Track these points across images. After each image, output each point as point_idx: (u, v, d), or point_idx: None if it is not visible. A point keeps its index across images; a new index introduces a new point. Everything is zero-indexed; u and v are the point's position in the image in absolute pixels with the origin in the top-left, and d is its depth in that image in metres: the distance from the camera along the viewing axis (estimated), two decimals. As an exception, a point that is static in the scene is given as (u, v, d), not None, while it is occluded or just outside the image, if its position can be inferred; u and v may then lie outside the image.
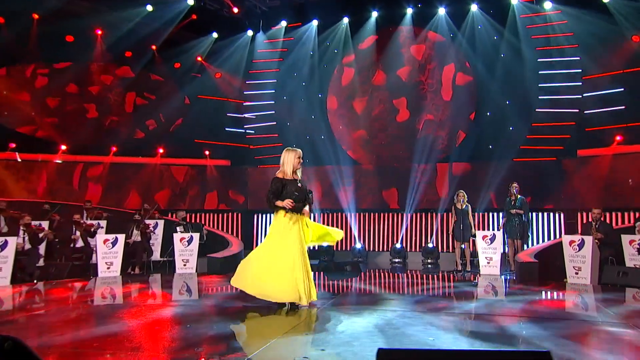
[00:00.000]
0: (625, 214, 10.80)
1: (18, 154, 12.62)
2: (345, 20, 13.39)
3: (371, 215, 13.00)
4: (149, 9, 12.67)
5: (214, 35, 13.87)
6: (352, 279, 8.31)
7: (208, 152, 13.97)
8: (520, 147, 12.10)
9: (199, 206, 13.70)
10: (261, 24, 13.72)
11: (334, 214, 12.96)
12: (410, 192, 12.50)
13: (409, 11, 12.94)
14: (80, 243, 9.70)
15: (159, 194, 13.35)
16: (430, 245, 11.90)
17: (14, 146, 12.65)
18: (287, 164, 5.29)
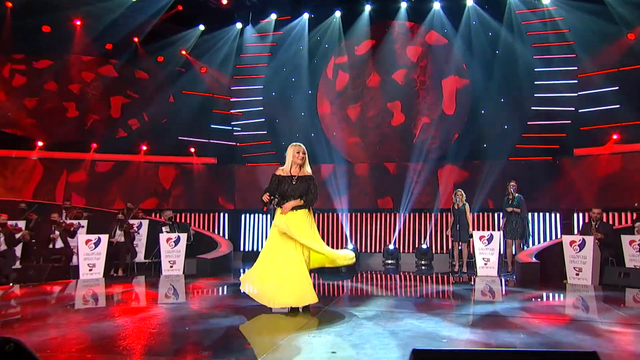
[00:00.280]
0: (623, 214, 10.91)
1: None
2: (337, 14, 13.28)
3: (364, 215, 12.92)
4: (132, -2, 12.43)
5: (201, 28, 13.63)
6: (348, 280, 8.21)
7: (194, 150, 13.74)
8: (515, 146, 12.17)
9: (184, 205, 13.46)
10: (250, 16, 13.54)
11: (325, 214, 12.84)
12: (405, 192, 12.45)
13: (403, 5, 12.91)
14: (60, 244, 9.42)
15: (142, 193, 13.05)
16: (424, 246, 11.85)
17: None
18: (286, 159, 5.25)
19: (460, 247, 9.90)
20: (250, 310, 5.09)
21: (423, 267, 11.28)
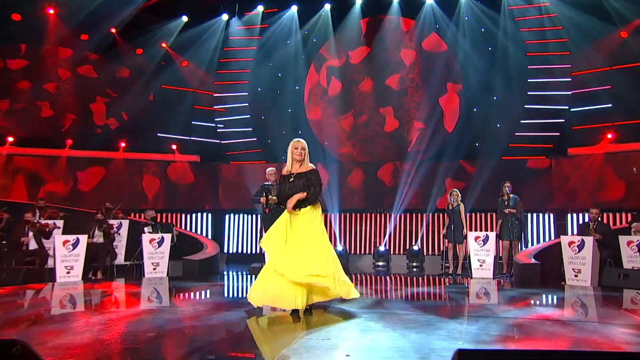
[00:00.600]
0: (617, 214, 11.06)
1: None
2: (327, 7, 13.17)
3: (354, 215, 12.85)
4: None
5: (184, 19, 13.35)
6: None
7: (175, 147, 13.48)
8: (509, 145, 12.26)
9: (163, 205, 13.19)
10: (237, 8, 13.34)
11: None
12: (397, 192, 12.44)
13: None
14: (34, 245, 9.11)
15: (120, 191, 12.74)
16: (415, 248, 11.83)
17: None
18: (287, 157, 5.13)
19: (454, 249, 9.89)
20: (251, 313, 4.98)
21: (414, 269, 11.26)
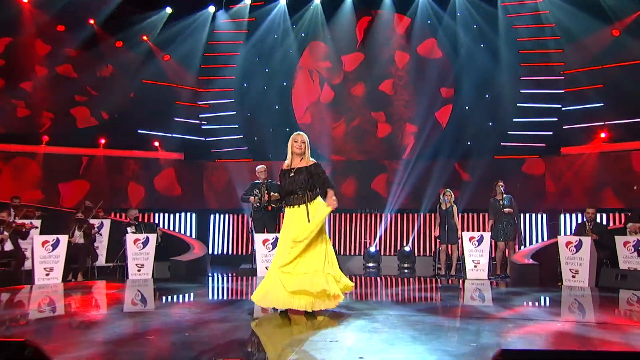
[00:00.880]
0: (611, 214, 11.17)
1: None
2: (317, 0, 13.06)
3: (343, 215, 12.76)
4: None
5: (168, 11, 13.07)
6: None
7: (158, 144, 13.22)
8: (501, 144, 12.31)
9: (145, 204, 12.91)
10: (224, 0, 13.14)
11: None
12: (388, 192, 12.41)
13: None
14: (9, 246, 8.82)
15: (99, 190, 12.43)
16: (407, 249, 11.79)
17: None
18: (287, 151, 5.08)
19: (447, 250, 9.86)
20: (253, 315, 4.92)
21: (406, 271, 11.21)
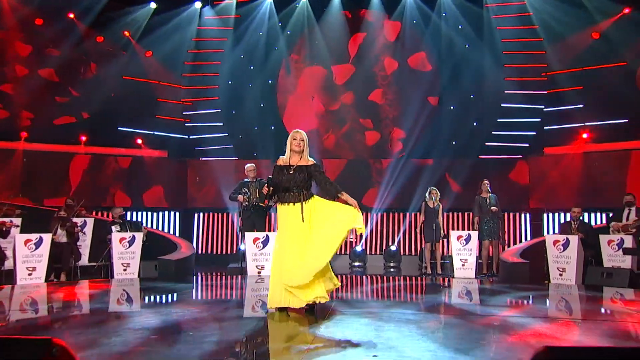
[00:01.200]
0: (592, 214, 11.40)
1: None
2: (303, -1, 13.04)
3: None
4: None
5: (152, 6, 12.84)
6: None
7: (141, 141, 12.99)
8: (485, 144, 12.46)
9: (128, 203, 12.66)
10: (210, -4, 13.02)
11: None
12: (376, 192, 12.45)
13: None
14: (-11, 245, 8.57)
15: (80, 188, 12.16)
16: (393, 248, 11.85)
17: None
18: (286, 147, 5.07)
19: (432, 248, 9.92)
20: (255, 314, 4.88)
21: (392, 270, 11.26)
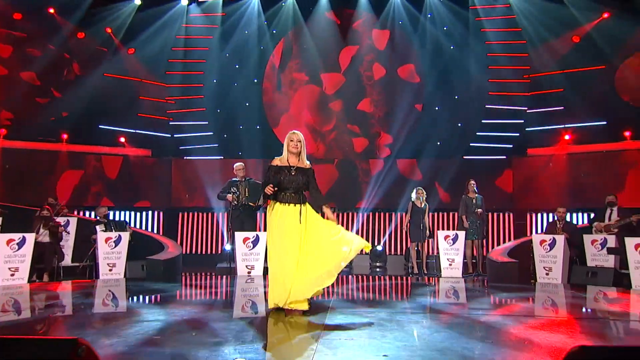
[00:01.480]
0: (574, 214, 11.59)
1: None
2: (290, -3, 12.96)
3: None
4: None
5: (137, 2, 12.60)
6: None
7: (124, 140, 12.75)
8: (470, 144, 12.58)
9: (109, 202, 12.40)
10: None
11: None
12: (364, 192, 12.46)
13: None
14: (-32, 245, 8.30)
15: (61, 187, 11.88)
16: (379, 248, 11.87)
17: None
18: (283, 148, 5.06)
19: (417, 248, 9.97)
20: (254, 315, 4.84)
21: (378, 270, 11.27)
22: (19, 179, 11.72)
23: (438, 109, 12.92)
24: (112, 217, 11.57)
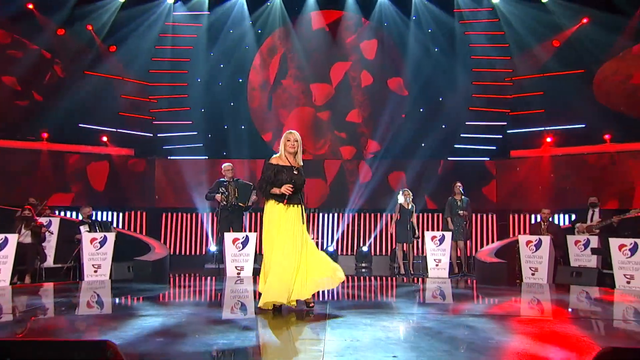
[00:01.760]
0: (556, 215, 11.77)
1: None
2: (277, -3, 12.91)
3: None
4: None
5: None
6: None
7: (107, 138, 12.51)
8: (454, 146, 12.71)
9: (90, 202, 12.10)
10: (179, -8, 12.67)
11: (257, 214, 12.32)
12: (351, 192, 12.47)
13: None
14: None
15: (41, 186, 11.57)
16: (364, 249, 11.91)
17: None
18: (280, 147, 5.03)
19: (404, 249, 10.03)
20: (256, 314, 4.76)
21: (363, 270, 11.29)
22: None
23: (422, 110, 13.01)
24: (94, 217, 11.38)
